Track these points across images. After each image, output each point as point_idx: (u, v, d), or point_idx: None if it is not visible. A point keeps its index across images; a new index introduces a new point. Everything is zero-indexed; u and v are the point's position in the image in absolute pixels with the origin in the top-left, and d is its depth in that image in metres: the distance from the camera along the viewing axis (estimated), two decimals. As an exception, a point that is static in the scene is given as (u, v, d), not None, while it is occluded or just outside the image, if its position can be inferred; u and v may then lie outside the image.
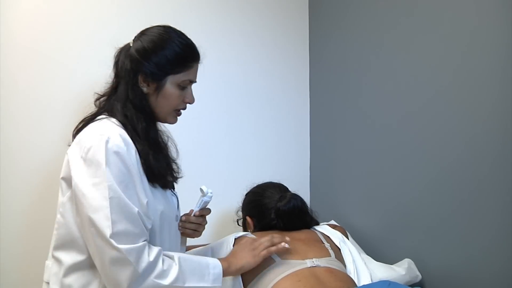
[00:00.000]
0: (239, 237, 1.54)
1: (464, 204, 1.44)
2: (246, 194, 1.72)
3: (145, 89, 1.24)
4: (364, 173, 1.86)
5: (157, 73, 1.23)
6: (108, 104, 1.26)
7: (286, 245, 1.37)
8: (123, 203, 1.10)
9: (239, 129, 2.00)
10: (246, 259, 1.32)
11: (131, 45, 1.27)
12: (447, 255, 1.51)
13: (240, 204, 1.74)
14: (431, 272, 1.57)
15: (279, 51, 2.10)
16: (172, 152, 1.37)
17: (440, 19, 1.50)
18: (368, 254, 1.69)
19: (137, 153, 1.17)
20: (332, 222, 1.86)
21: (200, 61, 1.31)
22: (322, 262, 1.42)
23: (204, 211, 1.43)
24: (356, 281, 1.45)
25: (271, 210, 1.60)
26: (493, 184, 1.35)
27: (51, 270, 1.19)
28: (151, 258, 1.11)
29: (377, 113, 1.78)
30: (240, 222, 1.76)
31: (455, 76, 1.46)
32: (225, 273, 1.27)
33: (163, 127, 1.38)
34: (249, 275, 1.41)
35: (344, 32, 1.97)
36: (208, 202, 1.42)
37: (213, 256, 1.51)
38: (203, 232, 1.52)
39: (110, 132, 1.15)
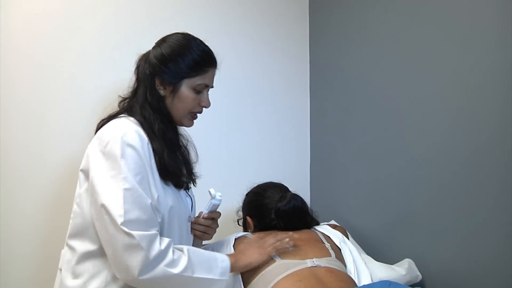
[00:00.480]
0: (239, 237, 1.54)
1: (465, 204, 1.44)
2: (247, 194, 1.72)
3: (162, 92, 1.31)
4: (364, 173, 1.86)
5: (173, 76, 1.30)
6: (128, 105, 1.34)
7: (291, 242, 1.40)
8: (137, 194, 1.15)
9: (239, 129, 2.00)
10: (254, 256, 1.35)
11: (150, 51, 1.35)
12: (447, 255, 1.51)
13: (241, 204, 1.74)
14: (431, 272, 1.57)
15: (280, 51, 2.10)
16: (192, 155, 1.44)
17: (441, 18, 1.50)
18: (368, 254, 1.69)
19: (151, 149, 1.23)
20: (333, 222, 1.86)
21: (217, 67, 1.36)
22: (322, 262, 1.41)
23: (213, 214, 1.46)
24: (356, 281, 1.45)
25: (272, 210, 1.60)
26: (494, 184, 1.35)
27: (65, 257, 1.26)
28: (162, 246, 1.15)
29: (377, 114, 1.78)
30: (241, 222, 1.76)
31: (455, 76, 1.46)
32: (233, 267, 1.30)
33: (183, 131, 1.44)
34: (250, 275, 1.41)
35: (344, 32, 1.97)
36: (218, 205, 1.44)
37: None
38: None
39: (127, 128, 1.22)
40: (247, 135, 2.02)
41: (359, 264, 1.54)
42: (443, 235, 1.51)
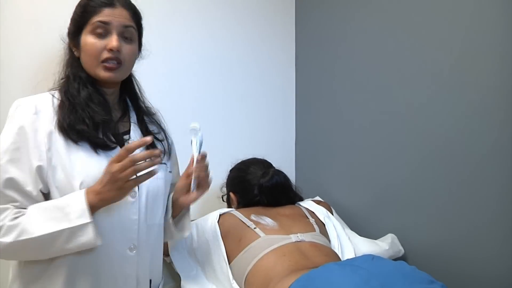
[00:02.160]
0: (224, 213, 1.54)
1: (447, 180, 1.45)
2: (230, 170, 1.72)
3: (76, 53, 1.23)
4: (349, 149, 1.86)
5: (74, 30, 1.22)
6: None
7: (155, 167, 1.11)
8: None
9: (224, 104, 1.98)
10: (113, 194, 1.10)
11: None
12: (429, 230, 1.52)
13: (225, 180, 1.74)
14: (413, 247, 1.59)
15: (265, 26, 2.07)
16: (159, 134, 1.36)
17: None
18: (352, 230, 1.71)
19: (55, 119, 1.16)
20: (317, 198, 1.87)
21: (120, 5, 1.21)
22: (306, 237, 1.42)
23: (203, 153, 1.31)
24: (340, 255, 1.46)
25: (254, 186, 1.60)
26: (476, 160, 1.36)
27: None
28: (3, 222, 1.07)
29: (363, 91, 1.77)
30: (225, 198, 1.75)
31: (443, 53, 1.45)
32: (94, 205, 1.10)
33: (149, 103, 1.37)
34: (234, 250, 1.41)
35: (331, 6, 1.94)
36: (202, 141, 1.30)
37: (197, 233, 1.51)
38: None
39: (26, 100, 1.17)
40: (232, 111, 2.00)
41: (343, 239, 1.55)
42: (425, 211, 1.53)
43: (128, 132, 1.28)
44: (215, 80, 1.95)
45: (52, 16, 1.52)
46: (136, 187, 1.20)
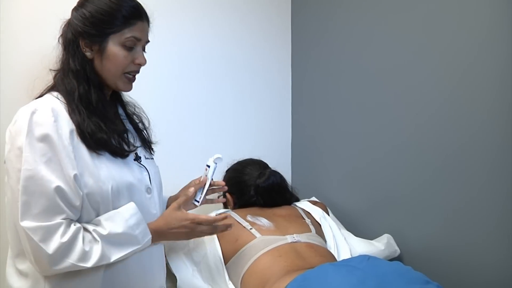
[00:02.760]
0: (219, 214, 1.54)
1: (442, 180, 1.45)
2: (227, 171, 1.72)
3: (88, 54, 1.19)
4: (345, 150, 1.86)
5: (96, 33, 1.17)
6: (56, 79, 1.21)
7: (229, 229, 1.30)
8: (37, 177, 1.05)
9: (220, 105, 1.98)
10: (180, 237, 1.28)
11: (72, 13, 1.22)
12: (425, 230, 1.53)
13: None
14: (409, 247, 1.59)
15: (261, 25, 2.06)
16: (143, 123, 1.36)
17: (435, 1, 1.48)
18: (348, 230, 1.71)
19: (71, 123, 1.13)
20: (313, 198, 1.87)
21: (146, 20, 1.23)
22: (302, 237, 1.42)
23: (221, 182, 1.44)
24: (336, 256, 1.46)
25: (251, 187, 1.60)
26: (471, 161, 1.36)
27: (8, 252, 1.20)
28: (65, 239, 1.05)
29: (359, 90, 1.78)
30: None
31: (442, 56, 1.45)
32: (154, 238, 1.21)
33: (128, 97, 1.36)
34: (230, 251, 1.41)
35: (327, 5, 1.94)
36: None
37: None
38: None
39: (40, 105, 1.11)
40: (228, 111, 2.00)
41: (339, 240, 1.56)
42: (421, 211, 1.53)
43: (125, 130, 1.29)
44: (210, 81, 1.95)
45: (50, 16, 1.47)
46: (149, 183, 1.27)
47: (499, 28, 1.28)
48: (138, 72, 1.25)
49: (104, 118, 1.18)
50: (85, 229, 1.11)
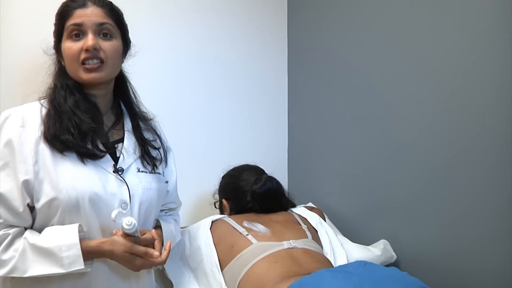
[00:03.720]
0: (216, 220, 1.54)
1: (439, 186, 1.45)
2: (222, 177, 1.72)
3: (62, 62, 1.21)
4: (341, 155, 1.86)
5: (55, 41, 1.22)
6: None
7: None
8: None
9: (216, 110, 1.98)
10: (120, 262, 1.16)
11: None
12: (422, 236, 1.53)
13: (217, 187, 1.73)
14: (406, 253, 1.59)
15: (257, 31, 2.07)
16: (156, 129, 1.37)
17: (432, 4, 1.47)
18: (344, 236, 1.71)
19: (41, 130, 1.14)
20: (310, 204, 1.88)
21: (92, 4, 1.18)
22: (299, 243, 1.42)
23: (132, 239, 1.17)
24: (332, 262, 1.46)
25: (247, 193, 1.60)
26: (469, 167, 1.36)
27: None
28: None
29: (355, 96, 1.78)
30: (217, 205, 1.75)
31: (439, 60, 1.45)
32: (89, 254, 1.12)
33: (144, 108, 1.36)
34: (226, 257, 1.41)
35: (324, 11, 1.95)
36: (131, 231, 1.14)
37: (190, 240, 1.50)
38: (180, 215, 1.51)
39: (13, 112, 1.15)
40: (224, 117, 2.00)
41: (335, 245, 1.55)
42: (418, 217, 1.53)
43: (121, 140, 1.26)
44: (207, 87, 1.95)
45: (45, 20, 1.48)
46: (128, 199, 1.19)
47: (498, 31, 1.28)
48: (94, 58, 1.17)
49: (78, 120, 1.16)
50: (21, 236, 1.11)
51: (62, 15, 1.18)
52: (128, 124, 1.30)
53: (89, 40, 1.15)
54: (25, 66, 1.55)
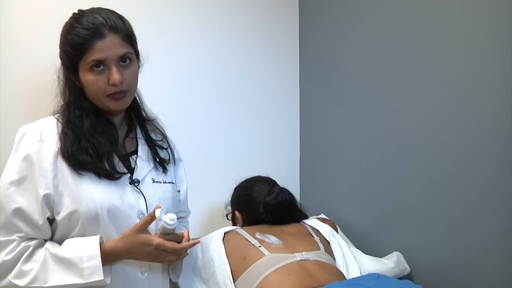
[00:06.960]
0: (228, 232, 1.54)
1: (453, 198, 1.44)
2: (235, 189, 1.72)
3: (77, 83, 1.20)
4: (354, 167, 1.86)
5: (68, 65, 1.19)
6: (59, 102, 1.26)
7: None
8: (3, 194, 1.12)
9: (228, 123, 1.99)
10: (139, 259, 1.20)
11: None
12: (435, 248, 1.51)
13: (229, 199, 1.74)
14: (419, 265, 1.57)
15: (269, 45, 2.08)
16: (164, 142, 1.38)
17: (436, 12, 1.48)
18: (357, 248, 1.70)
19: (58, 146, 1.16)
20: (322, 215, 1.87)
21: (111, 33, 1.15)
22: (311, 255, 1.42)
23: (168, 237, 1.21)
24: (345, 274, 1.45)
25: (260, 205, 1.60)
26: (482, 178, 1.35)
27: None
28: (8, 256, 1.10)
29: (367, 107, 1.78)
30: (229, 216, 1.75)
31: (446, 70, 1.45)
32: (108, 256, 1.14)
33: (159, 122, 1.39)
34: (239, 269, 1.40)
35: (335, 25, 1.96)
36: (169, 229, 1.19)
37: (202, 251, 1.50)
38: (192, 227, 1.52)
39: (31, 127, 1.18)
40: (236, 129, 2.01)
41: (348, 258, 1.54)
42: (431, 229, 1.52)
43: (135, 152, 1.29)
44: (219, 98, 1.97)
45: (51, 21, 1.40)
46: (145, 209, 1.22)
47: (499, 33, 1.28)
48: (120, 90, 1.18)
49: (96, 142, 1.18)
50: (42, 247, 1.14)
51: (80, 48, 1.14)
52: (139, 131, 1.34)
53: (115, 75, 1.15)
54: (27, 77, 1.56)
